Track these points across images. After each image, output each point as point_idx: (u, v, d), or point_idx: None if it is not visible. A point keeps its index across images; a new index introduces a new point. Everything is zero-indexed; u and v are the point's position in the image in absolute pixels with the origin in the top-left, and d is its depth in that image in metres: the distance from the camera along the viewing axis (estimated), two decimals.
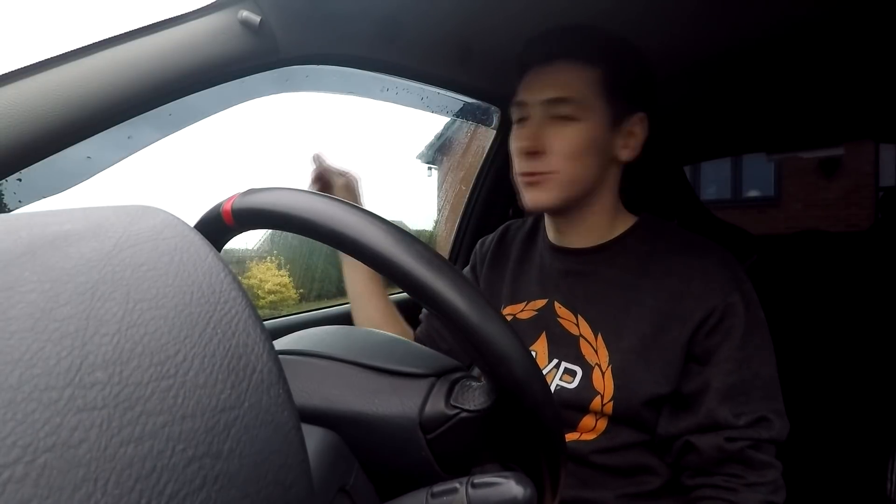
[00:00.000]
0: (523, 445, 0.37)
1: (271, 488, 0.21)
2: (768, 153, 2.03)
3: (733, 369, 0.68)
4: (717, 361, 0.69)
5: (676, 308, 0.71)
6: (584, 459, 0.72)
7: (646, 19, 0.88)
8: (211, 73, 0.71)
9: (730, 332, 0.69)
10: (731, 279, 0.72)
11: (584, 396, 0.72)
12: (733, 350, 0.69)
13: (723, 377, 0.68)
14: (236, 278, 0.24)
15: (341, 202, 0.36)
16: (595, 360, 0.74)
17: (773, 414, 0.68)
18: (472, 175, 1.54)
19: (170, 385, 0.19)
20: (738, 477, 0.67)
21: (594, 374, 0.73)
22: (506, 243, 0.94)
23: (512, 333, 0.34)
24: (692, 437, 0.69)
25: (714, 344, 0.70)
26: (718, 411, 0.67)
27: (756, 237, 1.74)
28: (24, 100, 0.57)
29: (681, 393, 0.71)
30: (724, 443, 0.67)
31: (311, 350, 0.44)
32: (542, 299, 0.82)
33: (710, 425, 0.68)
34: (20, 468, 0.15)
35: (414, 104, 1.21)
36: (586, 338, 0.76)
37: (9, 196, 0.63)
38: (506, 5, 0.83)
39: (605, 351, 0.73)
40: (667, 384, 0.70)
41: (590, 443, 0.72)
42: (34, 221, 0.23)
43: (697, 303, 0.70)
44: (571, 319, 0.78)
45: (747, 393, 0.68)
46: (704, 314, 0.70)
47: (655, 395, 0.70)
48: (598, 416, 0.72)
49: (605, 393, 0.72)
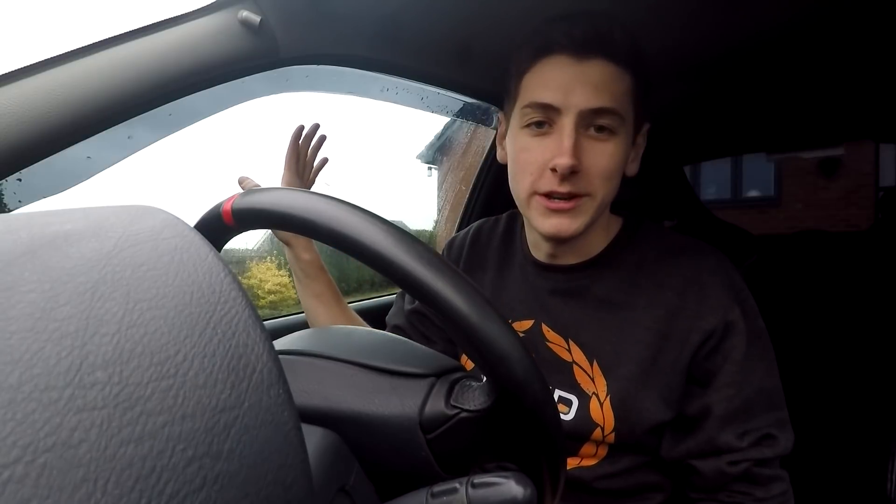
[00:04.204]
0: (523, 445, 0.37)
1: (271, 488, 0.21)
2: (768, 153, 2.03)
3: (735, 393, 0.64)
4: (718, 386, 0.65)
5: (674, 327, 0.66)
6: (587, 486, 0.70)
7: (646, 19, 0.88)
8: (211, 73, 0.71)
9: (731, 354, 0.65)
10: (728, 292, 0.67)
11: (583, 428, 0.68)
12: (735, 372, 0.65)
13: (724, 403, 0.64)
14: (236, 278, 0.24)
15: (341, 202, 0.36)
16: (592, 389, 0.69)
17: (777, 428, 0.65)
18: (472, 175, 1.54)
19: (170, 385, 0.19)
20: (744, 494, 0.64)
21: (591, 404, 0.68)
22: (480, 246, 0.85)
23: (512, 333, 0.34)
24: (694, 461, 0.66)
25: (714, 366, 0.65)
26: (720, 437, 0.64)
27: (756, 237, 1.74)
28: (24, 100, 0.57)
29: (683, 415, 0.67)
30: (727, 466, 0.64)
31: (311, 350, 0.44)
32: (528, 320, 0.75)
33: (711, 451, 0.65)
34: (20, 468, 0.15)
35: (414, 104, 1.21)
36: (580, 365, 0.70)
37: (9, 196, 0.63)
38: (506, 5, 0.83)
39: (602, 380, 0.68)
40: (669, 410, 0.66)
41: (591, 469, 0.69)
42: (34, 221, 0.23)
43: (695, 322, 0.65)
44: (562, 345, 0.72)
45: (750, 410, 0.65)
46: (703, 336, 0.65)
47: (658, 422, 0.66)
48: (599, 445, 0.69)
49: (606, 424, 0.67)
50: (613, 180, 0.66)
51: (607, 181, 0.65)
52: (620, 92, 0.64)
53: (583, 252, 0.73)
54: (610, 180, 0.66)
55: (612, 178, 0.66)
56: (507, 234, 0.84)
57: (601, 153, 0.64)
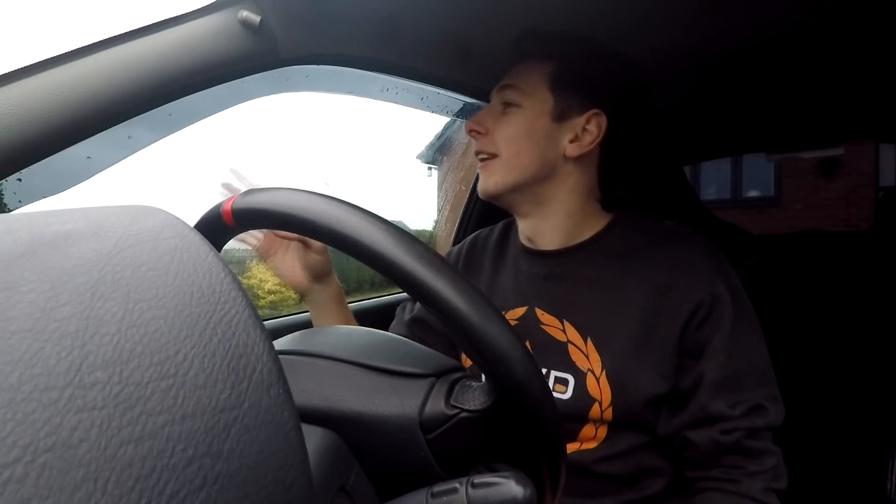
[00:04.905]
0: (523, 445, 0.37)
1: (271, 488, 0.21)
2: (768, 153, 2.03)
3: (725, 361, 0.68)
4: (709, 354, 0.68)
5: (664, 303, 0.70)
6: (587, 470, 0.71)
7: (646, 20, 0.88)
8: (211, 73, 0.71)
9: (719, 323, 0.69)
10: (714, 269, 0.71)
11: (581, 405, 0.71)
12: (724, 341, 0.68)
13: (716, 370, 0.68)
14: (236, 278, 0.24)
15: (341, 202, 0.36)
16: (587, 366, 0.72)
17: (769, 400, 0.68)
18: (472, 175, 1.54)
19: (170, 385, 0.19)
20: (737, 468, 0.67)
21: (588, 380, 0.71)
22: (476, 254, 0.92)
23: (512, 333, 0.34)
24: (688, 432, 0.68)
25: (705, 337, 0.69)
26: (712, 404, 0.67)
27: (756, 237, 1.74)
28: (25, 100, 0.57)
29: (678, 389, 0.70)
30: (720, 435, 0.66)
31: (311, 350, 0.44)
32: (521, 307, 0.80)
33: (704, 419, 0.67)
34: (20, 468, 0.15)
35: (414, 104, 1.21)
36: (575, 343, 0.74)
37: (9, 196, 0.63)
38: (506, 6, 0.83)
39: (596, 355, 0.72)
40: (664, 383, 0.69)
41: (591, 452, 0.71)
42: (34, 221, 0.23)
43: (684, 296, 0.70)
44: (557, 325, 0.76)
45: (741, 382, 0.68)
46: (693, 308, 0.69)
47: (654, 395, 0.69)
48: (597, 424, 0.71)
49: (603, 399, 0.70)
50: (517, 144, 0.76)
51: (509, 143, 0.76)
52: (532, 74, 0.77)
53: (557, 236, 0.80)
54: (512, 143, 0.76)
55: (513, 140, 0.76)
56: (502, 239, 0.90)
57: (505, 120, 0.77)
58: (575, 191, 0.78)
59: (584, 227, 0.79)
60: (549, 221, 0.79)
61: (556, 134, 0.76)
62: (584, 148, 0.76)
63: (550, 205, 0.78)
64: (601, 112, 0.75)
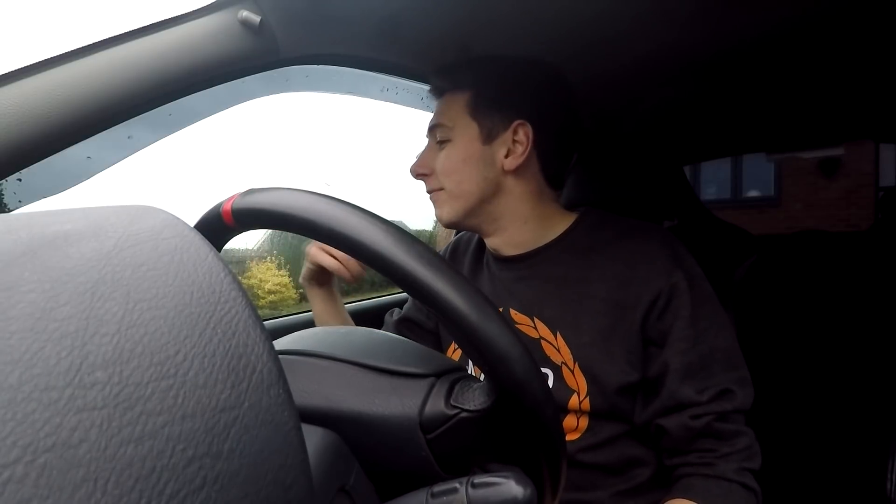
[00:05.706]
0: (523, 445, 0.37)
1: (271, 488, 0.21)
2: (768, 153, 2.03)
3: (688, 348, 0.70)
4: (671, 342, 0.71)
5: (626, 295, 0.73)
6: (572, 459, 0.73)
7: (646, 19, 0.88)
8: (211, 73, 0.71)
9: (679, 312, 0.71)
10: (671, 259, 0.74)
11: (560, 396, 0.74)
12: (685, 328, 0.71)
13: (679, 357, 0.70)
14: (236, 278, 0.24)
15: (341, 202, 0.36)
16: (560, 360, 0.75)
17: (737, 384, 0.70)
18: None
19: (170, 385, 0.19)
20: (711, 451, 0.69)
21: (564, 372, 0.74)
22: (458, 257, 0.96)
23: (512, 333, 0.34)
24: (660, 419, 0.71)
25: (666, 325, 0.72)
26: (680, 391, 0.69)
27: (756, 237, 1.74)
28: (24, 100, 0.57)
29: (647, 378, 0.73)
30: (690, 420, 0.69)
31: (311, 350, 0.44)
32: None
33: (674, 406, 0.70)
34: (20, 468, 0.15)
35: (414, 104, 1.21)
36: (546, 339, 0.77)
37: (9, 196, 0.63)
38: (505, 6, 0.83)
39: (567, 349, 0.75)
40: (634, 372, 0.72)
41: (575, 442, 0.74)
42: (34, 221, 0.23)
43: (643, 287, 0.72)
44: (528, 323, 0.79)
45: (707, 368, 0.70)
46: (652, 298, 0.72)
47: (626, 384, 0.72)
48: (578, 415, 0.74)
49: (581, 389, 0.73)
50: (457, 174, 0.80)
51: (449, 176, 0.80)
52: (453, 108, 0.80)
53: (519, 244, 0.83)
54: (452, 175, 0.80)
55: (452, 173, 0.80)
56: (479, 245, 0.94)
57: (442, 157, 0.81)
58: (524, 199, 0.81)
59: (547, 229, 0.82)
60: (509, 232, 0.83)
61: (490, 154, 0.79)
62: (519, 158, 0.79)
63: (505, 217, 0.82)
64: (524, 121, 0.78)
